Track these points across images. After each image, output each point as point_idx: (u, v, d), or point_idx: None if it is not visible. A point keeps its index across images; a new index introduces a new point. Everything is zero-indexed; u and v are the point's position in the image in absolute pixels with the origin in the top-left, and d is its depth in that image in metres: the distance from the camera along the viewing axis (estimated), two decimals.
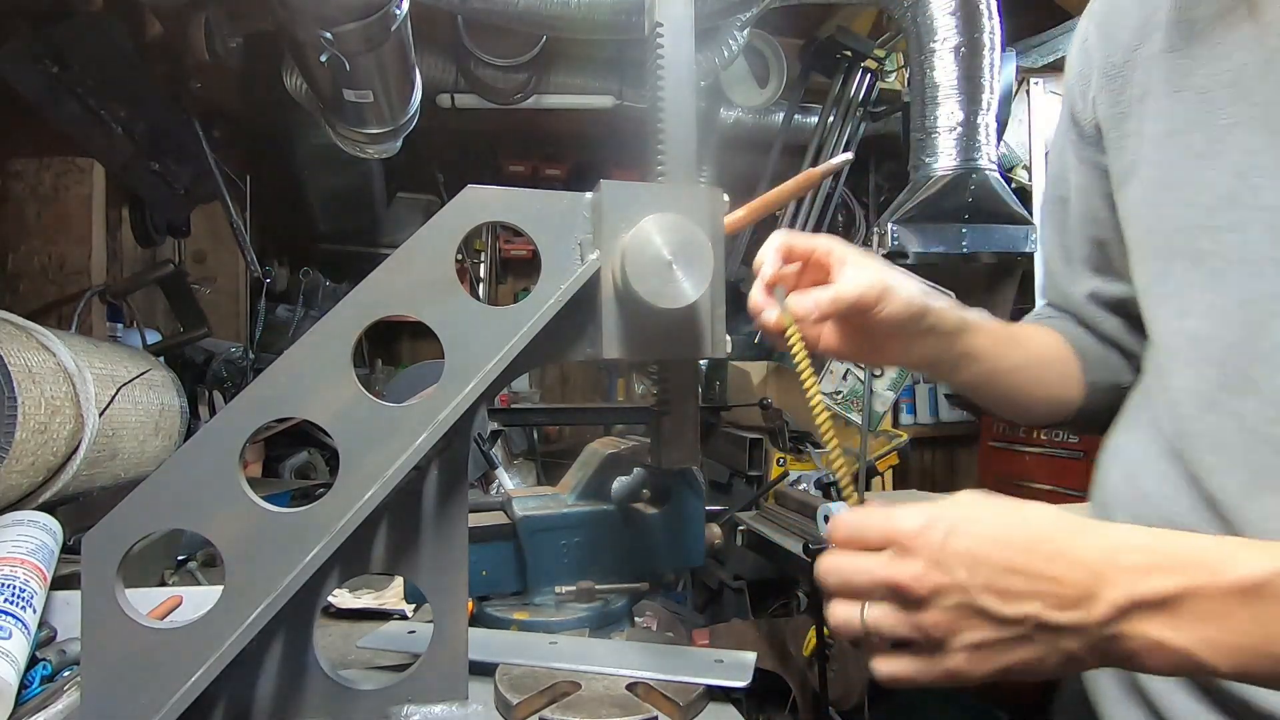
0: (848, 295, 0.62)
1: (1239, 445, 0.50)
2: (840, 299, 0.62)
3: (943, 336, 0.67)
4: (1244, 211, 0.51)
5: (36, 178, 1.93)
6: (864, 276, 0.62)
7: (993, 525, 0.45)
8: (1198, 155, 0.54)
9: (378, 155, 2.18)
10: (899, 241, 2.22)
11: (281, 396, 0.66)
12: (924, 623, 0.44)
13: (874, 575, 0.46)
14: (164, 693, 0.61)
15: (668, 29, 0.74)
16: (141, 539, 0.65)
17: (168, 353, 1.99)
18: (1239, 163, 0.51)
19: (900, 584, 0.45)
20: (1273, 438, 0.48)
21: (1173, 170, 0.56)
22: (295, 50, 1.67)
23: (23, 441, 1.06)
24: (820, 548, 1.38)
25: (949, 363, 0.69)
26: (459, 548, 0.71)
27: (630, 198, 0.68)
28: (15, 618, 0.81)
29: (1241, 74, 0.52)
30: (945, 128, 2.19)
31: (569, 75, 2.57)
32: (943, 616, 0.44)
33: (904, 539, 0.45)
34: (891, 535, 0.46)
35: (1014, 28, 2.34)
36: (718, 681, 0.77)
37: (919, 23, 2.21)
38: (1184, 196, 0.55)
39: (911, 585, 0.44)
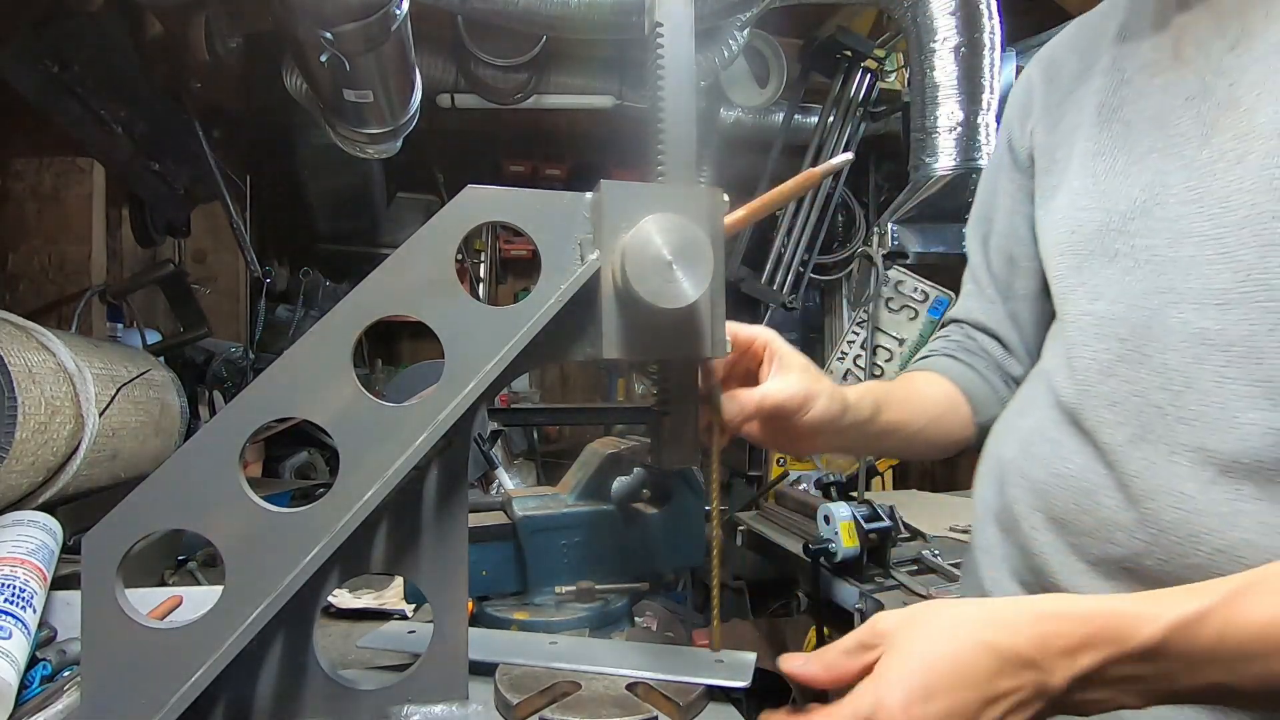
0: (772, 400, 0.70)
1: (1129, 406, 0.60)
2: (765, 404, 0.70)
3: (860, 425, 0.76)
4: (1151, 220, 0.61)
5: (36, 178, 1.93)
6: (789, 385, 0.70)
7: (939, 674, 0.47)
8: (1119, 174, 0.65)
9: (378, 155, 2.18)
10: (899, 241, 2.23)
11: (281, 396, 0.66)
12: None
13: None
14: (164, 693, 0.61)
15: (668, 29, 0.74)
16: (141, 539, 0.65)
17: (168, 353, 1.99)
18: (1151, 182, 0.62)
19: None
20: (1156, 401, 0.59)
21: (1096, 183, 0.67)
22: (295, 50, 1.67)
23: (23, 441, 1.06)
24: (820, 547, 1.38)
25: (866, 444, 0.80)
26: (459, 548, 0.71)
27: (630, 198, 0.68)
28: (15, 618, 0.81)
29: (1160, 111, 0.63)
30: (945, 128, 2.20)
31: (569, 75, 2.58)
32: None
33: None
34: None
35: (1014, 28, 2.34)
36: (718, 681, 0.77)
37: (919, 23, 2.22)
38: (1104, 205, 0.65)
39: None
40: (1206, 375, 0.56)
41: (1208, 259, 0.57)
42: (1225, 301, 0.56)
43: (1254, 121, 0.55)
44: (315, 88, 1.90)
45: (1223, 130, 0.58)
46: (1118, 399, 0.61)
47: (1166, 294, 0.59)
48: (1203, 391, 0.56)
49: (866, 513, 1.39)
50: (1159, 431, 0.58)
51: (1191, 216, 0.59)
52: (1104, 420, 0.62)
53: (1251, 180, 0.55)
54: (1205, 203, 0.58)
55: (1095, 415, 0.63)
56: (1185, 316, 0.58)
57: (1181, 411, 0.57)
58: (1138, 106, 0.65)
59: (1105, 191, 0.66)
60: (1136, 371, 0.60)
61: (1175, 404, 0.58)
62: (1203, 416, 0.56)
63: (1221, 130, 0.58)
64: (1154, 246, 0.61)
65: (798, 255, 2.76)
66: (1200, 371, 0.56)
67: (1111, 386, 0.62)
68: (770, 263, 2.76)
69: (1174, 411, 0.58)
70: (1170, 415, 0.58)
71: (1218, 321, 0.56)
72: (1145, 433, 0.59)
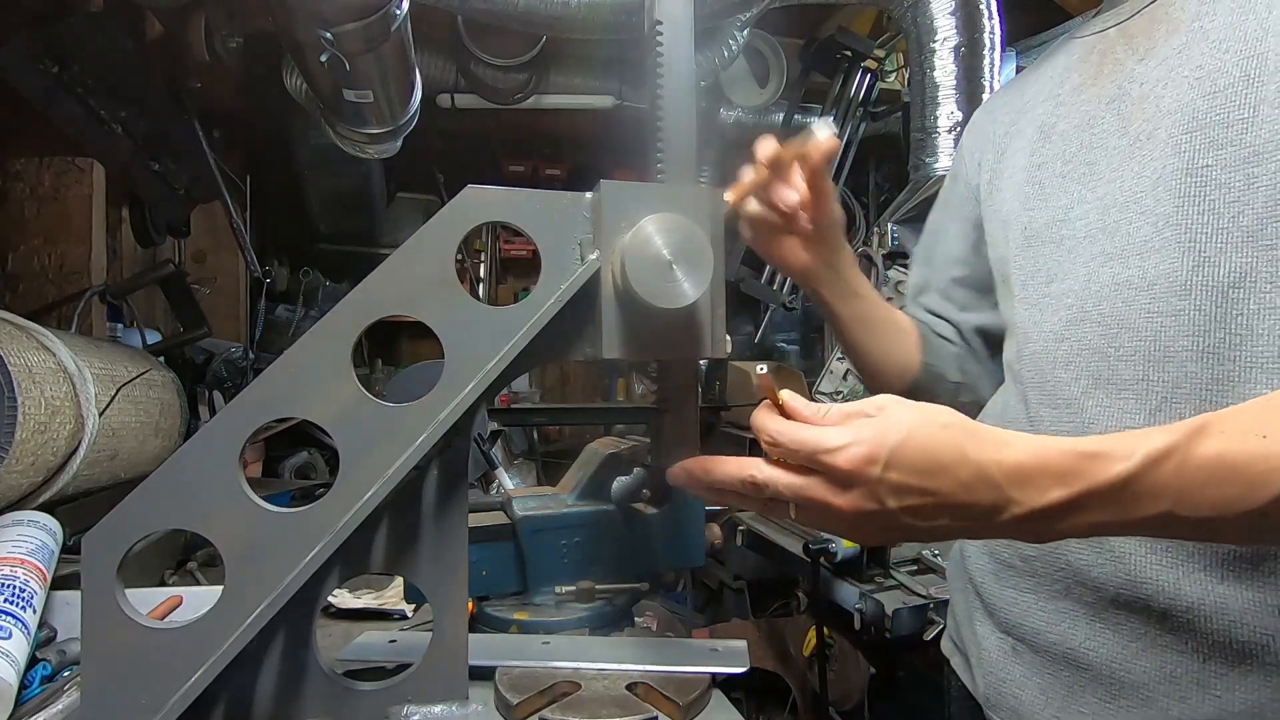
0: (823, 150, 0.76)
1: (1080, 360, 0.68)
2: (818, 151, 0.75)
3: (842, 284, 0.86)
4: (1085, 205, 0.71)
5: (36, 178, 1.93)
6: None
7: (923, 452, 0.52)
8: (1058, 175, 0.75)
9: (378, 155, 2.18)
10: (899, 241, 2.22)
11: (281, 396, 0.66)
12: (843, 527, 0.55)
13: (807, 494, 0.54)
14: (164, 693, 0.62)
15: (667, 28, 0.74)
16: (141, 539, 0.65)
17: (168, 353, 2.00)
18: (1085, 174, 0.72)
19: (834, 506, 0.53)
20: (1101, 349, 0.66)
21: (1041, 188, 0.76)
22: (295, 50, 1.67)
23: (23, 441, 1.06)
24: (820, 547, 1.38)
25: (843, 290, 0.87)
26: (459, 548, 0.72)
27: (630, 198, 0.68)
28: (15, 618, 0.81)
29: (1088, 117, 0.73)
30: (945, 128, 2.20)
31: (569, 75, 2.57)
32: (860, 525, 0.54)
33: (844, 475, 0.52)
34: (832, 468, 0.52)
35: (1014, 28, 2.34)
36: (716, 669, 0.77)
37: (919, 23, 2.21)
38: (1050, 203, 0.75)
39: (842, 509, 0.53)
40: (1135, 314, 0.64)
41: (1129, 220, 0.66)
42: (1145, 250, 0.64)
43: (1160, 106, 0.66)
44: (315, 88, 1.90)
45: (1136, 119, 0.68)
46: (1070, 357, 0.69)
47: (1099, 257, 0.68)
48: (1134, 329, 0.64)
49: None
50: (1105, 375, 0.66)
51: (1115, 191, 0.68)
52: (1061, 379, 0.69)
53: (1161, 148, 0.64)
54: (1125, 175, 0.67)
55: (1054, 376, 0.70)
56: (1114, 270, 0.66)
57: (1120, 351, 0.65)
58: (1070, 119, 0.75)
59: (1050, 193, 0.75)
60: (1080, 329, 0.68)
61: (1113, 345, 0.65)
62: (1139, 352, 0.64)
63: (1135, 119, 0.68)
64: (1090, 224, 0.70)
65: None
66: (1129, 312, 0.64)
67: (1066, 349, 0.70)
68: None
69: (1114, 353, 0.65)
70: (1111, 356, 0.66)
71: (1139, 268, 0.64)
72: (1097, 380, 0.67)
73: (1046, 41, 2.67)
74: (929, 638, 1.34)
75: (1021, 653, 0.73)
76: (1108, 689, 0.65)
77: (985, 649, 0.77)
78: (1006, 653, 0.75)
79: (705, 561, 1.22)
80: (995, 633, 0.76)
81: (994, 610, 0.77)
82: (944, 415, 0.54)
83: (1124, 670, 0.64)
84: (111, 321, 2.08)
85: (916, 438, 0.52)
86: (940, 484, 0.52)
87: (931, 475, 0.51)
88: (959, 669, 0.85)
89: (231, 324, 2.89)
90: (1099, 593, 0.66)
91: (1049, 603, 0.70)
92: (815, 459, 0.53)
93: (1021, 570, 0.73)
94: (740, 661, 0.79)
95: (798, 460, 0.54)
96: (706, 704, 0.76)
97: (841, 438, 0.52)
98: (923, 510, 0.52)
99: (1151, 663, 0.63)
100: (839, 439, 0.52)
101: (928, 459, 0.52)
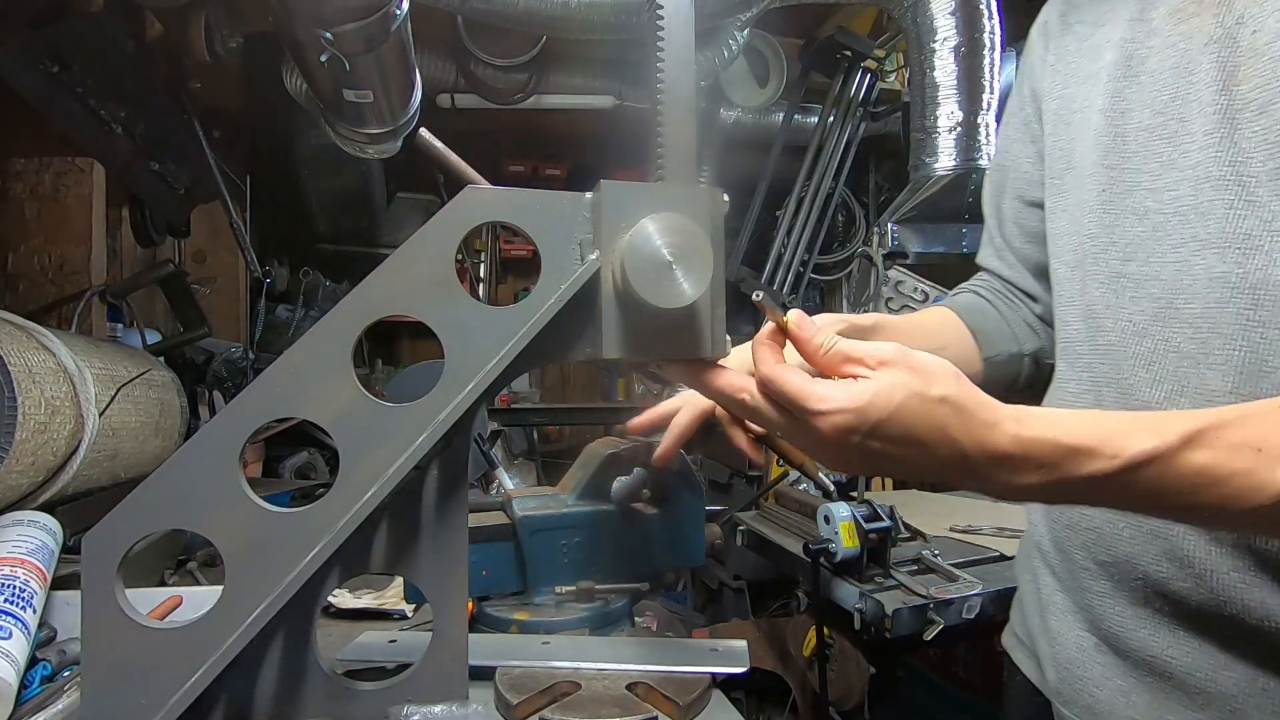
0: None
1: (1166, 364, 0.61)
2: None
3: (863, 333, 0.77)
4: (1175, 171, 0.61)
5: (36, 178, 1.93)
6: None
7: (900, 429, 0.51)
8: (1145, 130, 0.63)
9: (378, 155, 2.18)
10: (899, 241, 2.23)
11: (281, 396, 0.66)
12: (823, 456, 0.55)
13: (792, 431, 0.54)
14: (164, 693, 0.61)
15: (668, 11, 0.73)
16: (141, 539, 0.65)
17: (168, 353, 2.00)
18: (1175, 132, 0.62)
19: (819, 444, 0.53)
20: (1191, 354, 0.59)
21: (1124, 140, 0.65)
22: (295, 50, 1.67)
23: (23, 441, 1.06)
24: (820, 547, 1.38)
25: None
26: (459, 548, 0.71)
27: (630, 198, 0.68)
28: (15, 618, 0.81)
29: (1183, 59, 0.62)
30: (945, 128, 2.20)
31: (569, 75, 2.57)
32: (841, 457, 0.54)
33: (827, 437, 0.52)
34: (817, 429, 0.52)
35: (1014, 28, 2.34)
36: (716, 669, 0.77)
37: (919, 23, 2.21)
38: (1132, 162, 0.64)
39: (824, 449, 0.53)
40: (1230, 319, 0.57)
41: (1230, 205, 0.57)
42: (1248, 246, 0.56)
43: (1276, 67, 0.55)
44: (315, 88, 1.90)
45: (1244, 77, 0.57)
46: (1154, 359, 0.62)
47: (1190, 244, 0.59)
48: (1228, 335, 0.57)
49: (866, 513, 1.39)
50: (1193, 383, 0.59)
51: (1213, 164, 0.59)
52: (1141, 381, 0.63)
53: (1278, 132, 0.55)
54: (1225, 147, 0.58)
55: (1132, 376, 0.63)
56: (1208, 262, 0.58)
57: (1210, 358, 0.58)
58: (1162, 56, 0.63)
59: (1134, 150, 0.65)
60: (1167, 327, 0.61)
61: (1204, 351, 0.58)
62: (1230, 361, 0.57)
63: (1243, 77, 0.57)
64: (1180, 200, 0.60)
65: (798, 255, 2.76)
66: (1224, 315, 0.57)
67: (1148, 347, 0.62)
68: (770, 263, 2.76)
69: (1204, 359, 0.58)
70: (1201, 363, 0.58)
71: (1241, 266, 0.56)
72: (1181, 388, 0.60)
73: None
74: (929, 638, 1.34)
75: (1103, 651, 0.68)
76: (1193, 698, 0.61)
77: (1061, 645, 0.73)
78: (1086, 650, 0.70)
79: (705, 561, 1.22)
80: (1074, 629, 0.72)
81: (1071, 608, 0.72)
82: (940, 386, 0.52)
83: (1210, 682, 0.60)
84: (111, 321, 2.08)
85: (902, 414, 0.51)
86: (915, 455, 0.51)
87: (909, 446, 0.51)
88: (1022, 662, 0.81)
89: (231, 324, 2.88)
90: (1180, 605, 0.61)
91: (1127, 608, 0.66)
92: (800, 412, 0.53)
93: (1096, 574, 0.68)
94: (740, 661, 0.79)
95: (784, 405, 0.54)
96: (706, 704, 0.76)
97: (827, 401, 0.51)
98: (895, 467, 0.53)
99: (1241, 674, 0.59)
100: (824, 402, 0.51)
101: (909, 435, 0.51)
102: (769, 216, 2.91)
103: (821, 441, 0.53)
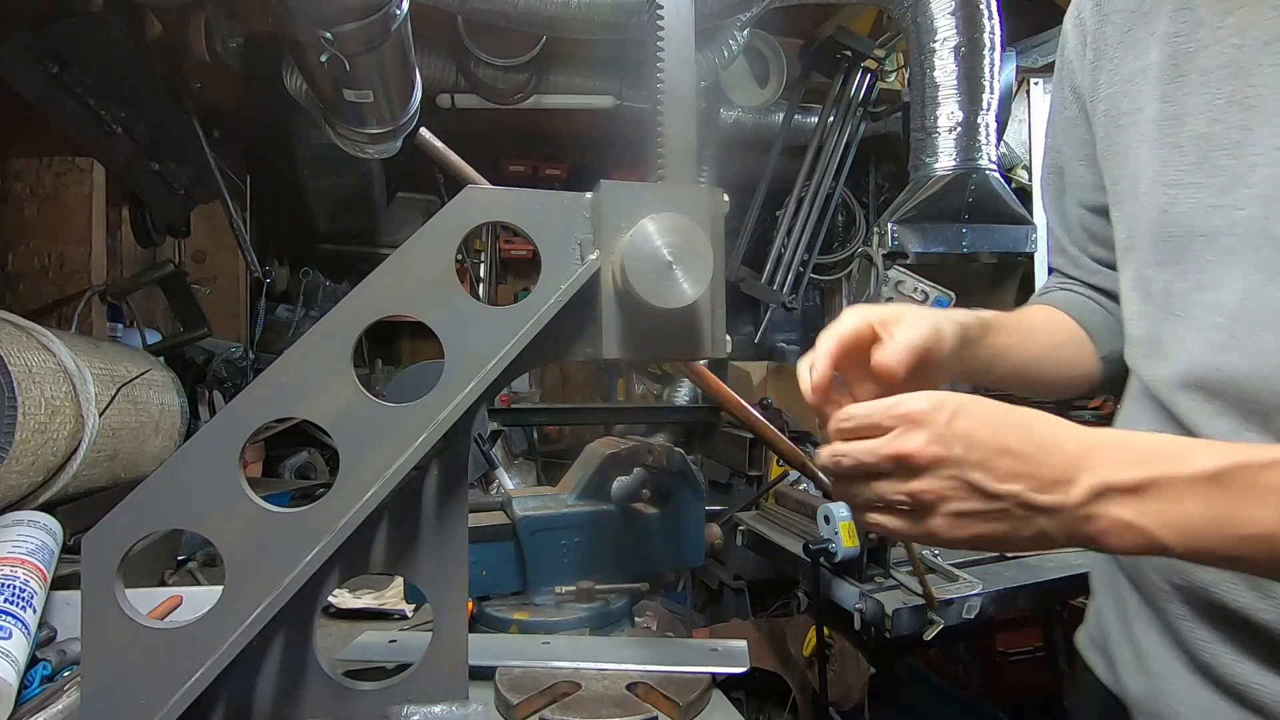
0: (918, 343, 0.62)
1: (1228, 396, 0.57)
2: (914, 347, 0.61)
3: (974, 345, 0.70)
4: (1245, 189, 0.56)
5: (36, 178, 1.93)
6: (918, 327, 0.63)
7: (991, 412, 0.51)
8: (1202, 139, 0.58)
9: (378, 155, 2.18)
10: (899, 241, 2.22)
11: (281, 396, 0.66)
12: (918, 489, 0.51)
13: (882, 451, 0.51)
14: (164, 693, 0.61)
15: (668, 12, 0.73)
16: (141, 539, 0.65)
17: (168, 353, 2.00)
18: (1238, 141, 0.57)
19: (906, 453, 0.50)
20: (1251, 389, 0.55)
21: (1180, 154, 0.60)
22: (295, 50, 1.67)
23: (23, 441, 1.06)
24: (820, 547, 1.38)
25: (980, 369, 0.73)
26: (459, 548, 0.71)
27: (630, 198, 0.68)
28: (15, 618, 0.81)
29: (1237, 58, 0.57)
30: (945, 128, 2.19)
31: (569, 75, 2.57)
32: (936, 484, 0.50)
33: (914, 416, 0.51)
34: (902, 415, 0.51)
35: (1014, 28, 2.34)
36: (716, 669, 0.77)
37: (919, 23, 2.21)
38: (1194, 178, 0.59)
39: (915, 454, 0.50)
40: None
41: None
42: None
43: None
44: (315, 88, 1.90)
45: None
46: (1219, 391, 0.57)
47: (1261, 269, 0.55)
48: None
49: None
50: (1259, 420, 0.55)
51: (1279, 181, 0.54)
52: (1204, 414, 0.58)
53: None
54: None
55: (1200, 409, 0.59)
56: (1276, 291, 0.54)
57: (1277, 396, 0.54)
58: (1214, 53, 0.58)
59: (1193, 162, 0.59)
60: (1227, 357, 0.57)
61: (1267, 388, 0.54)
62: None
63: None
64: (1251, 219, 0.56)
65: (798, 255, 2.76)
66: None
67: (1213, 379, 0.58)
68: (770, 263, 2.76)
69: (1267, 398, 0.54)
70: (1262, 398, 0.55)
71: None
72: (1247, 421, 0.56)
73: (1046, 41, 2.67)
74: (929, 637, 1.34)
75: (1189, 670, 0.64)
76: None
77: (1145, 657, 0.69)
78: (1170, 666, 0.66)
79: (705, 561, 1.22)
80: (1158, 644, 0.67)
81: (1155, 625, 0.68)
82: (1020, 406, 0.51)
83: None
84: (111, 321, 2.08)
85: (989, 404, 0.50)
86: (1009, 439, 0.49)
87: (1003, 429, 0.49)
88: (1096, 665, 0.77)
89: (231, 324, 2.88)
90: (1265, 634, 0.57)
91: (1209, 633, 0.62)
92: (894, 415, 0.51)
93: (1174, 597, 0.64)
94: (740, 661, 0.80)
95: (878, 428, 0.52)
96: (706, 704, 0.76)
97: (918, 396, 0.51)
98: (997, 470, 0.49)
99: None
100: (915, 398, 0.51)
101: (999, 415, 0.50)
102: (769, 216, 2.91)
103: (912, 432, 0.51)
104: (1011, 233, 2.24)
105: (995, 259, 2.31)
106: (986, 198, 2.19)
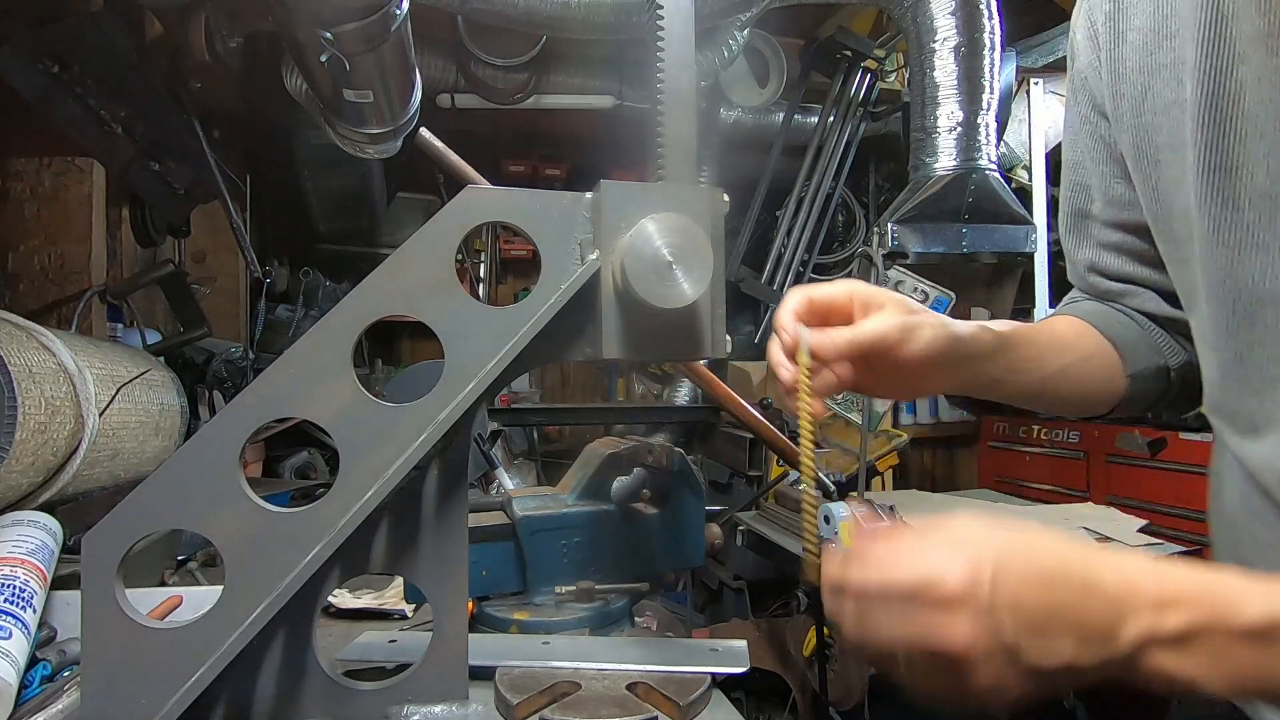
0: (865, 337, 0.62)
1: None
2: (858, 341, 0.61)
3: (978, 360, 0.68)
4: None
5: (36, 178, 1.92)
6: (883, 319, 0.62)
7: (1025, 563, 0.46)
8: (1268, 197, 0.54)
9: (378, 155, 2.18)
10: (899, 241, 2.22)
11: (281, 396, 0.66)
12: (971, 682, 0.46)
13: (914, 635, 0.46)
14: (164, 693, 0.61)
15: (668, 11, 0.73)
16: (141, 539, 0.65)
17: (168, 353, 1.99)
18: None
19: (953, 652, 0.45)
20: None
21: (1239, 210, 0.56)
22: (295, 50, 1.67)
23: (23, 441, 1.06)
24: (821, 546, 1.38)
25: (988, 384, 0.70)
26: (459, 548, 0.72)
27: (630, 198, 0.68)
28: (15, 618, 0.81)
29: None
30: (945, 128, 2.19)
31: (569, 75, 2.57)
32: (990, 673, 0.45)
33: (951, 599, 0.45)
34: (939, 600, 0.46)
35: (1014, 28, 2.34)
36: (716, 669, 0.77)
37: (919, 23, 2.21)
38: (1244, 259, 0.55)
39: (965, 653, 0.45)
40: None
41: None
42: None
43: None
44: (315, 88, 1.90)
45: None
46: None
47: None
48: None
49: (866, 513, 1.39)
50: None
51: None
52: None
53: None
54: None
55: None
56: None
57: None
58: (1257, 95, 0.52)
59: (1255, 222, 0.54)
60: None
61: None
62: None
63: None
64: None
65: (798, 255, 2.76)
66: None
67: None
68: (770, 263, 2.76)
69: None
70: None
71: None
72: None
73: (1046, 41, 2.67)
74: None
75: None
76: None
77: None
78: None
79: (705, 561, 1.22)
80: None
81: None
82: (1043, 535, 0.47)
83: None
84: (111, 321, 2.08)
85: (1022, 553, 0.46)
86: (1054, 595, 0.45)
87: (1044, 585, 0.45)
88: None
89: (231, 324, 2.88)
90: None
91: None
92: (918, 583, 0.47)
93: None
94: (740, 661, 0.80)
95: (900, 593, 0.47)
96: (706, 704, 0.76)
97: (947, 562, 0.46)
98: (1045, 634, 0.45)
99: None
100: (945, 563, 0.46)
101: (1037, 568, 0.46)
102: (769, 216, 2.91)
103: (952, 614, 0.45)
104: (1011, 233, 2.24)
105: (995, 259, 2.31)
106: (986, 198, 2.19)
